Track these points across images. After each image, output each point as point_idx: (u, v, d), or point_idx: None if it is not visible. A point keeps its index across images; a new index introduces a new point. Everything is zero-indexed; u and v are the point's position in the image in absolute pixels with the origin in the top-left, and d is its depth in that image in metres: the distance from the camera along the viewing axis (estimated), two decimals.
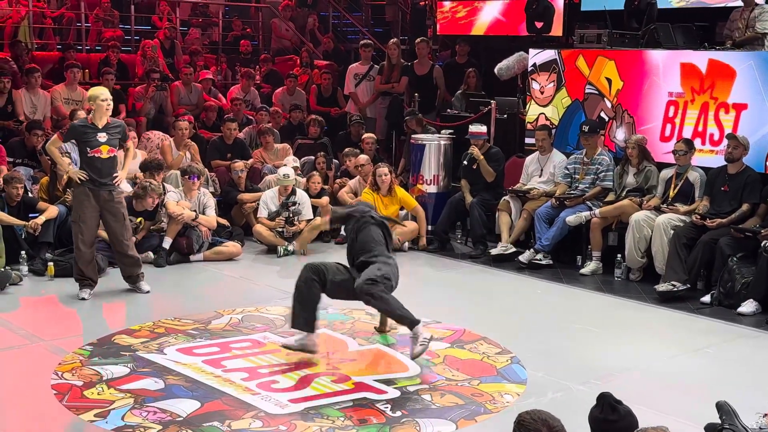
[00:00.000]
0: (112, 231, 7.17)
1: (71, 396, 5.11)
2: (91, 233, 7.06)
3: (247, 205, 9.27)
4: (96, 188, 7.01)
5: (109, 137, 7.01)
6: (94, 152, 6.98)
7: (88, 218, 7.03)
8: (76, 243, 7.06)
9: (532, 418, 2.91)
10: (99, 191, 7.02)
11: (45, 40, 12.79)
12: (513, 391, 5.32)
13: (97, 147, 6.97)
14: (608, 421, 3.30)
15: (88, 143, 6.97)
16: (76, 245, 7.06)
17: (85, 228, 7.02)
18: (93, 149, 6.97)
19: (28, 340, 6.19)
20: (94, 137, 6.97)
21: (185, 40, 13.68)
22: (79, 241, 7.03)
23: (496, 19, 11.52)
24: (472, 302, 7.45)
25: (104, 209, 7.08)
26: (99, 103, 6.94)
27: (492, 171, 9.04)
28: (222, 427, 4.71)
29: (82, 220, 7.02)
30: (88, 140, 6.97)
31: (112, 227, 7.15)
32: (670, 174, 7.99)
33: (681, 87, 8.29)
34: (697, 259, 7.40)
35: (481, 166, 9.03)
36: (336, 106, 12.05)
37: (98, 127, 6.97)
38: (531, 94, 9.60)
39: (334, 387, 5.34)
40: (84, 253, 7.05)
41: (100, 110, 6.95)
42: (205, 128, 10.93)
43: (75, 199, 7.11)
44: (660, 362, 5.94)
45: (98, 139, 6.97)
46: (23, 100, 9.97)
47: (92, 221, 7.05)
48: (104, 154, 7.00)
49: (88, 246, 7.07)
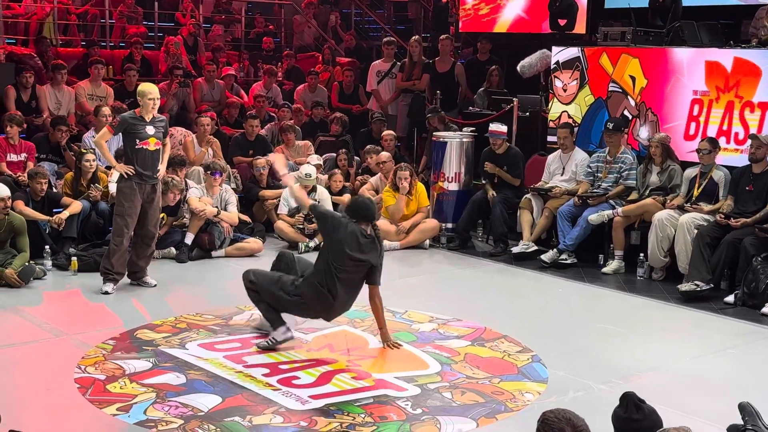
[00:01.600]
0: (146, 222, 7.25)
1: (94, 390, 5.15)
2: (134, 227, 7.17)
3: (269, 201, 9.30)
4: (142, 182, 7.12)
5: (155, 130, 7.15)
6: (143, 144, 7.08)
7: (134, 212, 7.12)
8: (118, 236, 7.11)
9: (556, 417, 2.90)
10: (144, 185, 7.15)
11: (69, 36, 12.87)
12: (534, 389, 5.30)
13: (146, 139, 7.09)
14: (633, 419, 3.28)
15: (138, 135, 7.08)
16: (117, 239, 7.11)
17: (131, 222, 7.13)
18: (142, 141, 7.08)
19: (51, 334, 6.25)
20: (143, 129, 7.09)
21: (208, 37, 13.74)
22: (123, 234, 7.08)
23: (518, 17, 11.47)
24: (493, 300, 7.44)
25: (146, 202, 7.19)
26: (146, 101, 7.05)
27: (514, 178, 9.06)
28: (243, 422, 4.74)
29: (128, 214, 7.10)
30: (138, 132, 7.08)
31: (148, 218, 7.25)
32: (694, 173, 7.93)
33: (706, 85, 8.22)
34: (721, 258, 7.34)
35: (503, 177, 9.04)
36: (357, 104, 12.05)
37: (146, 120, 7.09)
38: (554, 92, 9.55)
39: (354, 384, 5.35)
40: (123, 248, 7.14)
41: (146, 107, 7.07)
42: (228, 125, 10.97)
43: (120, 193, 7.17)
44: (683, 362, 5.90)
45: (147, 132, 7.09)
46: (47, 96, 10.05)
47: (136, 215, 7.15)
48: (152, 146, 7.12)
49: (129, 240, 7.19)
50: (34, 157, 8.86)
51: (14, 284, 7.20)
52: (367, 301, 6.42)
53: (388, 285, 7.74)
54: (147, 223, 7.25)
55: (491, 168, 9.08)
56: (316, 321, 6.51)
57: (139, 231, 7.28)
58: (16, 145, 8.71)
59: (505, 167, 9.10)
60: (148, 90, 7.11)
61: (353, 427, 4.68)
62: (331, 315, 5.93)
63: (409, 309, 6.87)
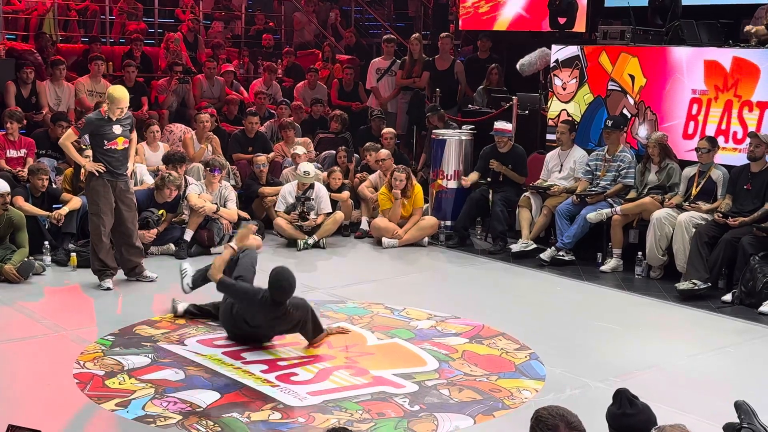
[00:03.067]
0: (123, 220, 7.23)
1: (93, 385, 5.16)
2: (111, 224, 7.15)
3: (268, 198, 9.31)
4: (113, 179, 7.11)
5: (122, 129, 7.12)
6: (111, 144, 7.07)
7: (108, 210, 7.11)
8: (96, 235, 7.12)
9: (549, 414, 2.90)
10: (116, 182, 7.13)
11: (69, 32, 12.88)
12: (531, 387, 5.32)
13: (114, 139, 7.07)
14: (627, 415, 3.28)
15: (105, 136, 7.06)
16: (96, 237, 7.12)
17: (106, 219, 7.10)
18: (110, 141, 7.06)
19: (50, 329, 6.26)
20: (110, 130, 7.06)
21: (208, 34, 13.74)
22: (100, 233, 7.09)
23: (518, 15, 11.48)
24: (492, 298, 7.45)
25: (119, 200, 7.17)
26: (114, 108, 6.99)
27: (519, 176, 9.08)
28: (241, 418, 4.75)
29: (102, 212, 7.09)
30: (105, 133, 7.06)
31: (124, 216, 7.22)
32: (692, 172, 7.94)
33: (705, 84, 8.23)
34: (719, 257, 7.35)
35: (509, 176, 9.06)
36: (357, 101, 12.06)
37: (113, 120, 7.06)
38: (553, 90, 9.56)
39: (352, 380, 5.36)
40: (104, 245, 7.13)
41: (113, 112, 7.02)
42: (227, 121, 10.97)
43: (92, 191, 7.14)
44: (679, 361, 5.92)
45: (114, 132, 7.07)
46: (48, 91, 10.05)
47: (111, 212, 7.13)
48: (120, 146, 7.10)
49: (108, 237, 7.16)
50: (34, 153, 8.86)
51: (13, 280, 7.21)
52: (366, 297, 6.46)
53: (387, 282, 7.81)
54: (124, 220, 7.23)
55: (497, 166, 9.07)
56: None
57: (118, 229, 7.25)
58: (15, 142, 8.72)
59: (510, 166, 9.11)
60: (119, 97, 6.99)
61: (351, 424, 4.69)
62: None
63: (408, 306, 6.88)
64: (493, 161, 9.10)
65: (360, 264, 8.50)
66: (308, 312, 5.81)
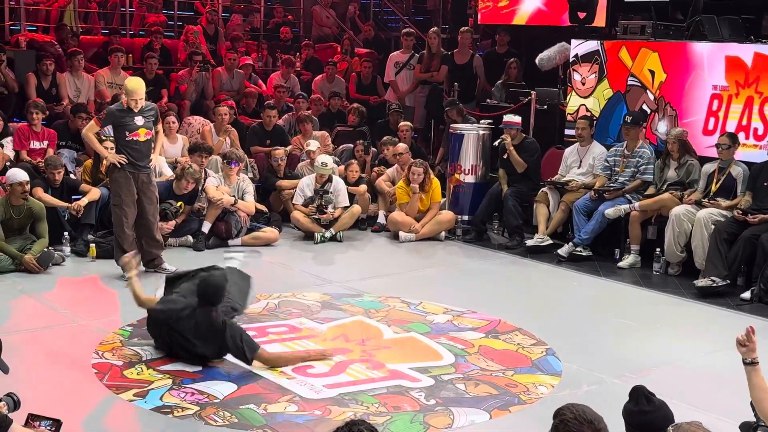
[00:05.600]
0: (144, 212, 7.26)
1: (111, 375, 5.21)
2: (134, 216, 7.18)
3: (286, 191, 9.33)
4: (135, 172, 7.13)
5: (145, 120, 7.14)
6: (133, 135, 7.09)
7: (131, 202, 7.15)
8: (119, 227, 7.16)
9: (576, 419, 2.74)
10: (138, 174, 7.15)
11: (90, 24, 12.95)
12: (547, 382, 5.31)
13: (135, 130, 7.09)
14: (644, 412, 3.23)
15: (127, 127, 7.08)
16: (119, 229, 7.16)
17: (129, 211, 7.14)
18: (131, 133, 7.09)
19: (69, 319, 6.31)
20: (132, 121, 7.08)
21: (227, 26, 13.76)
22: (123, 224, 7.12)
23: (538, 9, 11.42)
24: (508, 293, 7.44)
25: (140, 192, 7.20)
26: (130, 101, 7.01)
27: (522, 162, 9.00)
28: (258, 410, 4.78)
29: (125, 204, 7.13)
30: (126, 124, 7.08)
31: (145, 209, 7.25)
32: (712, 168, 7.89)
33: (725, 80, 8.17)
34: (738, 254, 7.31)
35: (511, 157, 9.00)
36: (375, 95, 12.05)
37: (134, 111, 7.08)
38: (572, 86, 9.52)
39: (368, 374, 5.37)
40: (128, 236, 7.17)
41: (131, 104, 7.04)
42: (245, 114, 11.00)
43: (114, 183, 7.20)
44: (697, 358, 5.89)
45: (136, 123, 7.08)
46: (68, 83, 10.11)
47: (134, 204, 7.17)
48: (142, 137, 7.13)
49: (131, 228, 7.20)
50: (54, 144, 8.92)
51: (33, 270, 7.27)
52: (383, 291, 6.46)
53: (403, 276, 7.81)
54: (145, 213, 7.26)
55: (508, 142, 8.95)
56: (332, 311, 6.56)
57: (139, 221, 7.28)
58: (39, 133, 8.78)
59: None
60: (133, 89, 7.00)
61: (367, 417, 4.70)
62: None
63: (424, 300, 6.88)
64: (506, 135, 9.01)
65: (376, 258, 8.51)
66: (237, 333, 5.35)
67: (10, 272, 7.24)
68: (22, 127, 8.77)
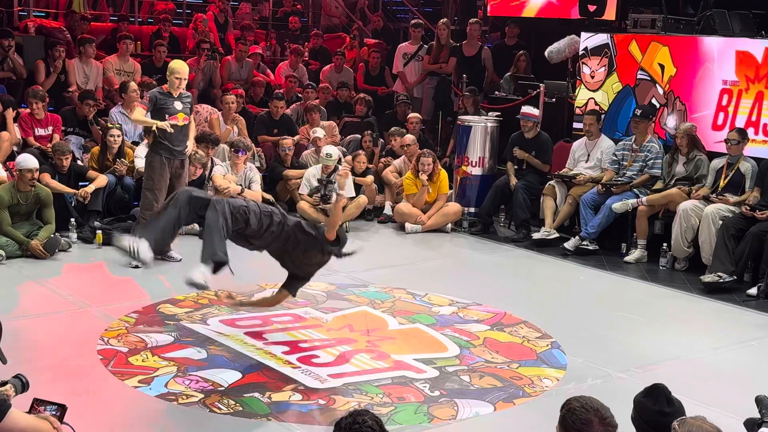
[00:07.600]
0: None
1: (116, 362, 5.22)
2: (162, 202, 7.20)
3: (292, 181, 9.32)
4: (171, 157, 7.21)
5: (183, 105, 7.24)
6: (172, 119, 7.15)
7: (163, 186, 7.21)
8: (147, 209, 7.13)
9: (583, 407, 2.77)
10: (173, 160, 7.24)
11: (98, 11, 12.93)
12: (552, 375, 5.31)
13: (175, 114, 7.17)
14: (664, 413, 3.16)
15: (167, 110, 7.17)
16: (147, 212, 7.11)
17: (160, 196, 7.19)
18: (171, 116, 7.16)
19: (75, 305, 6.32)
20: (172, 105, 7.18)
21: (236, 15, 13.73)
22: (152, 209, 7.07)
23: (548, 2, 11.36)
24: (514, 286, 7.44)
25: (174, 177, 7.27)
26: (173, 79, 7.14)
27: (543, 164, 9.04)
28: (262, 398, 4.78)
29: (157, 188, 7.20)
30: (167, 107, 7.17)
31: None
32: (721, 163, 7.86)
33: (735, 75, 8.13)
34: (745, 250, 7.28)
35: (531, 163, 9.02)
36: (383, 85, 12.02)
37: (174, 96, 7.18)
38: (581, 79, 9.48)
39: (373, 364, 5.38)
40: None
41: (172, 84, 7.16)
42: (253, 103, 10.98)
43: (149, 167, 7.25)
44: (703, 353, 5.88)
45: (175, 107, 7.18)
46: (76, 70, 10.11)
47: (165, 189, 7.22)
48: (180, 122, 7.21)
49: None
50: (60, 130, 8.92)
51: (39, 255, 7.29)
52: (388, 282, 6.45)
53: (409, 267, 7.81)
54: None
55: (520, 154, 9.05)
56: (338, 302, 6.56)
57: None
58: (42, 120, 8.78)
59: (534, 152, 9.07)
60: (177, 68, 7.19)
61: (371, 407, 4.71)
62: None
63: (430, 292, 6.88)
64: (516, 149, 9.07)
65: (383, 249, 8.50)
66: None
67: (16, 258, 7.27)
68: (24, 116, 8.77)
